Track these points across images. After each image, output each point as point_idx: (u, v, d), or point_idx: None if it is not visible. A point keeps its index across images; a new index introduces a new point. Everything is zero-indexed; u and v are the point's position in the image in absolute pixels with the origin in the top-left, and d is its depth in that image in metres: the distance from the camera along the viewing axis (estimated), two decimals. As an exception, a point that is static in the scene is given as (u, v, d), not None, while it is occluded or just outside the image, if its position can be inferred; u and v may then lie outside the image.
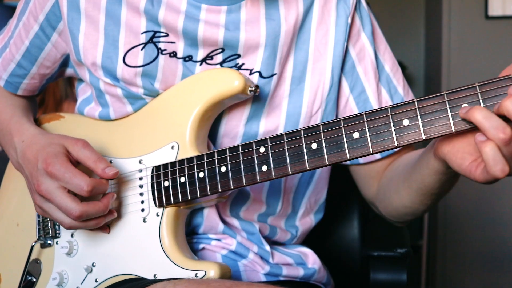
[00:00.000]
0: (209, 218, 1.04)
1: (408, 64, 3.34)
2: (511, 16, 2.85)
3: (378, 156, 1.09)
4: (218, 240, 1.07)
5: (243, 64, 1.01)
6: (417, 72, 3.45)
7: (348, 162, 1.13)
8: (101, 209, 0.93)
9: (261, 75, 1.01)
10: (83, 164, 0.95)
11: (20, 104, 1.17)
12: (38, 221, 1.08)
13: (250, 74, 1.01)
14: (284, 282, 1.10)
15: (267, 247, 1.08)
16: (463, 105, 0.74)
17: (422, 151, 0.94)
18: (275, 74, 1.02)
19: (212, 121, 1.01)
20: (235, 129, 1.02)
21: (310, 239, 1.22)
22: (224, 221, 1.06)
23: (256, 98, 1.02)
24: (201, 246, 1.06)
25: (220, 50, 1.00)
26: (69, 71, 1.17)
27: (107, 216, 0.96)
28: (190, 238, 1.05)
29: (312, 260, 1.16)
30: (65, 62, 1.14)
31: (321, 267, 1.17)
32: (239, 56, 1.01)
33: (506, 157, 0.70)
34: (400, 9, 3.46)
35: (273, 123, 1.03)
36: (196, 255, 1.04)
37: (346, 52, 1.06)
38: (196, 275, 0.90)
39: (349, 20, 1.04)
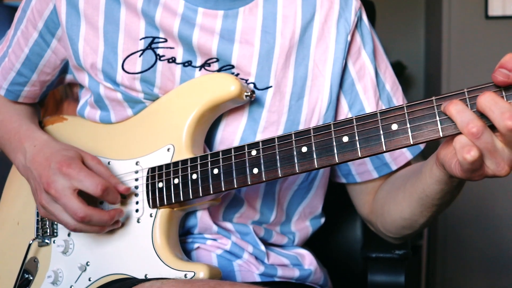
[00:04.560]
0: (202, 220, 1.04)
1: (408, 64, 3.34)
2: (511, 16, 2.85)
3: (376, 175, 1.10)
4: (214, 240, 1.07)
5: (238, 74, 1.02)
6: (417, 72, 3.46)
7: (344, 181, 1.14)
8: (105, 218, 0.94)
9: (255, 86, 1.02)
10: None
11: (25, 112, 1.19)
12: (37, 220, 1.09)
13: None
14: (279, 283, 1.10)
15: (262, 247, 1.09)
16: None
17: (423, 162, 0.95)
18: (271, 86, 1.02)
19: (208, 126, 1.02)
20: (231, 137, 1.03)
21: (310, 241, 1.22)
22: (217, 224, 1.06)
23: (251, 110, 1.02)
24: (196, 245, 1.06)
25: (215, 60, 1.01)
26: (68, 77, 1.18)
27: (112, 224, 0.98)
28: (185, 237, 1.07)
29: (309, 261, 1.16)
30: (64, 68, 1.15)
31: (318, 268, 1.16)
32: (233, 66, 1.01)
33: (481, 150, 0.72)
34: (400, 9, 3.47)
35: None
36: (191, 254, 1.06)
37: (345, 69, 1.05)
38: (185, 276, 0.92)
39: (349, 38, 1.04)
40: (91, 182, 0.93)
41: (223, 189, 0.91)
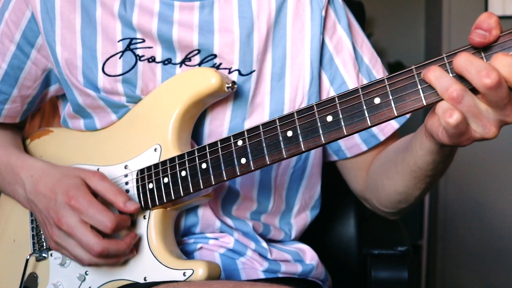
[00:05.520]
0: (205, 216, 1.03)
1: (408, 64, 3.31)
2: (511, 16, 2.83)
3: (364, 148, 1.09)
4: (216, 239, 1.06)
5: (220, 64, 1.02)
6: (417, 72, 3.43)
7: (335, 158, 1.13)
8: (122, 248, 0.91)
9: (240, 73, 1.02)
10: (101, 196, 0.94)
11: (7, 140, 1.15)
12: (33, 235, 1.09)
13: (229, 73, 1.02)
14: (283, 279, 1.09)
15: (264, 244, 1.08)
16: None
17: (412, 134, 0.93)
18: (254, 71, 1.02)
19: (194, 121, 1.01)
20: (219, 129, 1.02)
21: (307, 236, 1.22)
22: (219, 219, 1.05)
23: (237, 97, 1.02)
24: (198, 246, 1.05)
25: (196, 52, 1.01)
26: (52, 89, 1.14)
27: (128, 254, 0.95)
28: (187, 238, 1.06)
29: (310, 256, 1.15)
30: (46, 80, 1.12)
31: (319, 263, 1.16)
32: (215, 56, 1.01)
33: (465, 114, 0.70)
34: (400, 9, 3.46)
35: (257, 122, 1.02)
36: (194, 254, 1.05)
37: (323, 45, 1.06)
38: (184, 274, 0.90)
39: (323, 13, 1.05)
40: (100, 221, 0.89)
41: (213, 183, 0.89)
